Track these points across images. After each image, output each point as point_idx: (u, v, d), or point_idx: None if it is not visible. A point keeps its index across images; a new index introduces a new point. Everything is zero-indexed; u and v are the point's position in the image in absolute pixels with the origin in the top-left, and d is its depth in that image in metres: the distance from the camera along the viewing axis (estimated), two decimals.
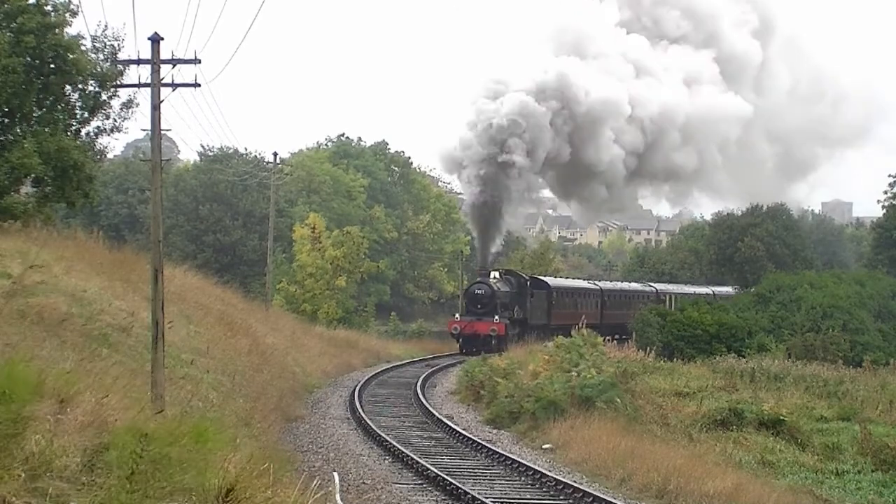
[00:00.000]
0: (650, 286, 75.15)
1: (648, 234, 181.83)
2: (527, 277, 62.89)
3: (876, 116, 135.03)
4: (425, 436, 28.17)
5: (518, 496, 20.60)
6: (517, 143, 57.26)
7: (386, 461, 24.07)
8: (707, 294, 72.98)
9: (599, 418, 28.24)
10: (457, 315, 60.49)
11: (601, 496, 20.00)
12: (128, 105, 34.78)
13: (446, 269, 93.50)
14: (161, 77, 20.94)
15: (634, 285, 76.35)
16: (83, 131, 34.74)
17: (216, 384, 25.24)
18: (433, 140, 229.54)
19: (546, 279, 65.58)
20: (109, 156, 50.56)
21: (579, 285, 70.52)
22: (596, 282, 73.76)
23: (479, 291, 57.90)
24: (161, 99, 20.97)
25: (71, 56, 32.02)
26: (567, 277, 74.73)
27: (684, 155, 67.66)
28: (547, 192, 76.13)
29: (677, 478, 21.38)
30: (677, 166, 68.35)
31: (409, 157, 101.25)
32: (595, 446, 25.03)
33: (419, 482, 21.63)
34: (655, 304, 67.49)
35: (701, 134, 67.57)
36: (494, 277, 59.07)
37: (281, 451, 20.83)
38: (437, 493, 20.51)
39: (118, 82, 32.53)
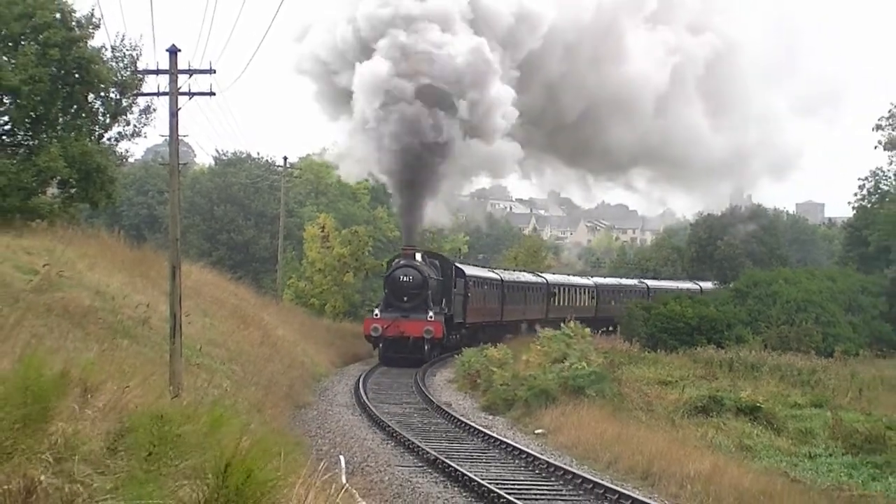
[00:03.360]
0: (541, 276, 63.76)
1: (634, 232, 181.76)
2: (452, 262, 48.09)
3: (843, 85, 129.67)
4: (425, 421, 28.17)
5: (512, 477, 20.60)
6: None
7: (389, 445, 24.08)
8: (589, 286, 69.38)
9: (588, 405, 28.26)
10: (375, 311, 42.66)
11: (589, 477, 20.01)
12: (146, 111, 34.97)
13: None
14: (178, 86, 20.97)
15: (527, 276, 61.96)
16: (105, 136, 34.89)
17: (230, 373, 25.29)
18: None
19: (463, 267, 49.26)
20: (130, 160, 50.57)
21: (488, 275, 53.64)
22: (496, 270, 59.18)
23: (405, 278, 41.90)
24: (178, 107, 21.01)
25: (94, 67, 32.13)
26: (481, 266, 59.81)
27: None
28: (543, 194, 72.09)
29: (660, 460, 21.40)
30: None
31: None
32: (584, 431, 25.04)
33: (420, 464, 21.64)
34: (546, 296, 62.03)
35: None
36: (418, 260, 43.34)
37: (290, 435, 20.85)
38: (437, 475, 20.52)
39: (138, 90, 32.65)
